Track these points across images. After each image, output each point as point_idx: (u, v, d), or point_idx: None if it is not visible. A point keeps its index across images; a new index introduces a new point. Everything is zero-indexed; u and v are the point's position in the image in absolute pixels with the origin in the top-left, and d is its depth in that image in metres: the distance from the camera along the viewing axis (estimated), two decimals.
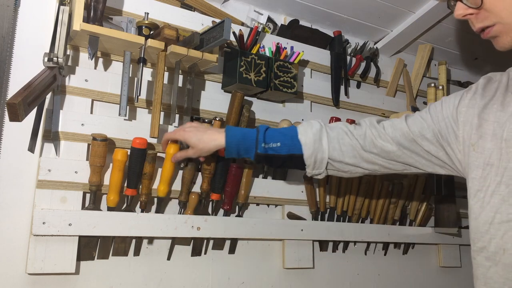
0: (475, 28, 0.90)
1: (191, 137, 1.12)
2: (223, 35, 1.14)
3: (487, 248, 0.86)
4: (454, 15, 0.90)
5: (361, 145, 1.07)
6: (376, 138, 1.06)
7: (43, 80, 1.01)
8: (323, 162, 1.08)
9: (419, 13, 1.59)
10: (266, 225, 1.37)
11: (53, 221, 1.07)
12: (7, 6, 1.11)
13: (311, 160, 1.08)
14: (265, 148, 1.08)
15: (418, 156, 1.03)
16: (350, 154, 1.07)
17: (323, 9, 1.57)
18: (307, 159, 1.08)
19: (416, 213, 1.72)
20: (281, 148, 1.08)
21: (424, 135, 1.00)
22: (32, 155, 1.09)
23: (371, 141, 1.06)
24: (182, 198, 1.25)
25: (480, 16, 0.87)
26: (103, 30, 1.10)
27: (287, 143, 1.08)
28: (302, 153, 1.08)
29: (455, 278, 1.83)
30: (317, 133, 1.08)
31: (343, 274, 1.57)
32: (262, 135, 1.09)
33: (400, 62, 1.83)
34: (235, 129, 1.13)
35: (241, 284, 1.37)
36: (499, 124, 0.88)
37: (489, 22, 0.86)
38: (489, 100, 0.92)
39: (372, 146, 1.06)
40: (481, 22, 0.88)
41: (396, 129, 1.04)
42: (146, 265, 1.23)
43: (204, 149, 1.12)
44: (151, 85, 1.27)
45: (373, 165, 1.08)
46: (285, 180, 1.46)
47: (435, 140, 0.99)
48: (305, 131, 1.09)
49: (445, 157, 0.99)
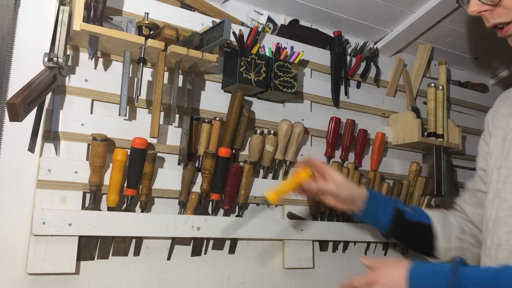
0: (489, 24, 0.88)
1: (341, 176, 1.06)
2: (223, 35, 1.14)
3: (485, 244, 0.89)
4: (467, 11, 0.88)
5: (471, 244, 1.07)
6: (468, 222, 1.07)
7: (43, 80, 1.01)
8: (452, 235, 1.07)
9: (419, 13, 1.59)
10: (266, 225, 1.37)
11: (53, 221, 1.07)
12: (7, 6, 1.11)
13: (441, 230, 1.07)
14: (403, 208, 1.07)
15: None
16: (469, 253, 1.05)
17: (323, 9, 1.57)
18: (436, 229, 1.06)
19: None
20: (413, 215, 1.08)
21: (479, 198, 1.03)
22: (32, 155, 1.09)
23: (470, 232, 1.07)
24: (182, 198, 1.25)
25: (496, 13, 0.85)
26: (103, 30, 1.10)
27: (418, 212, 1.10)
28: (430, 224, 1.07)
29: None
30: (442, 214, 1.10)
31: (343, 274, 1.57)
32: (398, 200, 1.08)
33: (400, 62, 1.82)
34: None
35: (241, 284, 1.37)
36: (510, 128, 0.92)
37: (507, 18, 0.85)
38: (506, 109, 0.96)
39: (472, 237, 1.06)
40: (497, 18, 0.86)
41: (470, 211, 1.06)
42: (146, 265, 1.23)
43: (348, 192, 1.05)
44: (151, 85, 1.27)
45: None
46: (285, 180, 1.46)
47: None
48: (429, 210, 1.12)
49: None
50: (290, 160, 1.44)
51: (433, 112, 1.74)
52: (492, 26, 0.88)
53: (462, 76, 2.06)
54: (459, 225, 1.05)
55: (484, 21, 0.89)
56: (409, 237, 1.08)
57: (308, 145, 1.55)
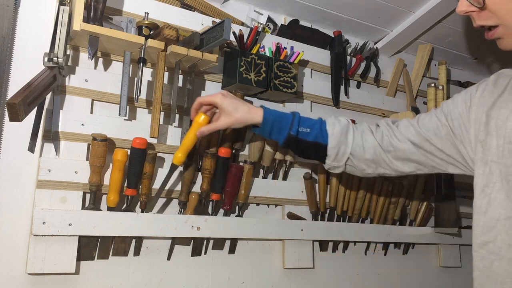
0: (475, 25, 0.90)
1: (230, 104, 1.11)
2: (223, 35, 1.14)
3: (493, 242, 0.87)
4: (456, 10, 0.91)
5: (379, 144, 1.11)
6: (392, 137, 1.09)
7: (43, 80, 1.01)
8: (345, 155, 1.12)
9: (419, 13, 1.59)
10: (266, 225, 1.37)
11: (53, 221, 1.07)
12: (7, 6, 1.11)
13: (334, 151, 1.12)
14: (298, 131, 1.12)
15: (431, 155, 1.05)
16: (371, 151, 1.11)
17: (323, 9, 1.57)
18: (331, 149, 1.12)
19: (416, 213, 1.72)
20: (309, 134, 1.13)
21: (437, 134, 1.02)
22: (32, 155, 1.09)
23: (388, 140, 1.10)
24: (182, 198, 1.25)
25: (482, 15, 0.87)
26: (103, 30, 1.10)
27: (315, 130, 1.13)
28: (326, 143, 1.12)
29: (455, 278, 1.83)
30: (344, 127, 1.13)
31: (343, 274, 1.57)
32: (297, 119, 1.14)
33: (400, 62, 1.83)
34: (271, 109, 1.16)
35: (241, 284, 1.37)
36: (501, 120, 0.89)
37: (492, 22, 0.87)
38: (497, 97, 0.93)
39: (389, 145, 1.09)
40: (483, 20, 0.88)
41: (410, 129, 1.07)
42: (146, 265, 1.23)
43: (240, 119, 1.12)
44: (151, 85, 1.27)
45: (389, 166, 1.12)
46: (285, 180, 1.46)
47: (448, 139, 1.01)
48: (333, 123, 1.14)
49: (458, 155, 1.00)
50: (290, 160, 1.44)
51: None
52: (479, 27, 0.90)
53: (462, 76, 2.06)
54: (353, 146, 1.11)
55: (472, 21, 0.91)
56: (301, 152, 1.18)
57: None
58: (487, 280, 0.87)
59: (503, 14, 0.84)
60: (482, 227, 0.90)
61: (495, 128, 0.90)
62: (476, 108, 0.95)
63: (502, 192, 0.87)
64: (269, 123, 1.13)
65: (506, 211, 0.86)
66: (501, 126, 0.88)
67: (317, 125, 1.14)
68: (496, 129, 0.89)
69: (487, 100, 0.94)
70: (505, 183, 0.86)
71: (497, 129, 0.89)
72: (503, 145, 0.87)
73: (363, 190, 1.55)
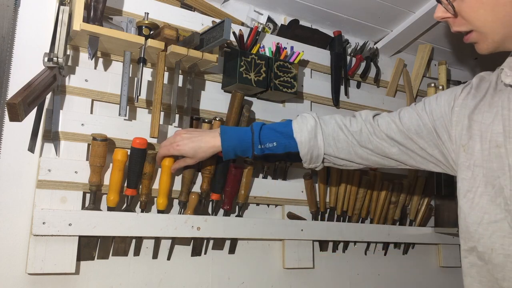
0: (452, 30, 0.92)
1: (187, 151, 1.14)
2: (223, 35, 1.14)
3: (477, 248, 0.86)
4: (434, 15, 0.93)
5: (357, 140, 1.08)
6: (371, 134, 1.07)
7: (43, 80, 1.01)
8: (319, 157, 1.11)
9: (419, 13, 1.59)
10: (266, 225, 1.37)
11: (53, 221, 1.07)
12: (7, 6, 1.11)
13: (307, 157, 1.11)
14: (262, 149, 1.11)
15: (413, 153, 1.04)
16: (345, 150, 1.09)
17: (323, 9, 1.57)
18: (304, 156, 1.11)
19: (416, 213, 1.72)
20: (277, 148, 1.10)
21: (419, 133, 1.01)
22: (32, 155, 1.09)
23: (367, 138, 1.07)
24: (182, 198, 1.25)
25: (457, 21, 0.90)
26: (103, 30, 1.10)
27: (282, 142, 1.10)
28: (297, 151, 1.10)
29: (455, 278, 1.83)
30: (312, 131, 1.09)
31: (343, 274, 1.57)
32: (257, 137, 1.10)
33: (400, 62, 1.83)
34: (230, 131, 1.14)
35: (241, 284, 1.37)
36: (485, 125, 0.89)
37: (465, 28, 0.89)
38: (479, 101, 0.93)
39: (368, 142, 1.07)
40: (457, 26, 0.90)
41: (392, 125, 1.05)
42: (146, 265, 1.23)
43: (203, 158, 1.16)
44: (151, 85, 1.27)
45: (367, 161, 1.11)
46: (285, 180, 1.46)
47: (430, 138, 0.99)
48: (300, 129, 1.10)
49: (440, 155, 1.00)
50: None
51: None
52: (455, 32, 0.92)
53: (462, 76, 2.06)
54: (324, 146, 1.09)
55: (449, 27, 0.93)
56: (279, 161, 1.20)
57: None
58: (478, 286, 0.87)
59: (473, 20, 0.86)
60: (465, 232, 0.89)
61: (478, 132, 0.89)
62: (458, 110, 0.95)
63: (485, 196, 0.86)
64: (231, 150, 1.12)
65: (489, 216, 0.84)
66: (485, 130, 0.88)
67: (283, 136, 1.10)
68: (480, 133, 0.89)
69: (469, 103, 0.93)
70: (489, 188, 0.85)
71: (481, 133, 0.88)
72: (488, 149, 0.86)
73: (363, 190, 1.55)
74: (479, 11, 0.85)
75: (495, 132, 0.86)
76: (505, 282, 0.82)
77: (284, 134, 1.10)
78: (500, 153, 0.84)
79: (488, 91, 0.93)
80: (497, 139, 0.85)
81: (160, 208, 1.22)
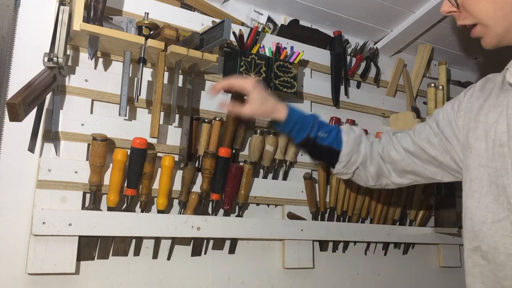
0: (458, 24, 0.95)
1: (259, 96, 1.12)
2: (223, 35, 1.14)
3: (481, 247, 0.87)
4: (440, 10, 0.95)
5: (380, 155, 1.13)
6: (390, 149, 1.12)
7: (43, 80, 1.01)
8: (355, 164, 1.15)
9: (419, 13, 1.60)
10: (266, 225, 1.37)
11: (53, 221, 1.07)
12: (7, 6, 1.11)
13: (346, 158, 1.14)
14: (316, 135, 1.14)
15: (426, 163, 1.07)
16: (375, 163, 1.14)
17: (323, 9, 1.57)
18: (343, 156, 1.14)
19: (416, 213, 1.72)
20: (325, 140, 1.14)
21: (430, 142, 1.05)
22: (32, 155, 1.09)
23: (387, 152, 1.12)
24: (182, 198, 1.25)
25: (461, 15, 0.92)
26: (103, 30, 1.10)
27: (332, 136, 1.14)
28: (340, 150, 1.14)
29: (455, 278, 1.83)
30: (358, 137, 1.15)
31: (343, 274, 1.57)
32: (318, 123, 1.15)
33: (400, 62, 1.82)
34: (295, 108, 1.17)
35: (241, 284, 1.37)
36: (489, 124, 0.90)
37: (470, 21, 0.91)
38: (484, 101, 0.94)
39: (388, 156, 1.12)
40: (462, 20, 0.92)
41: (407, 138, 1.10)
42: (146, 265, 1.23)
43: (264, 113, 1.14)
44: (151, 85, 1.27)
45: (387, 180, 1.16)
46: (285, 180, 1.46)
47: (441, 145, 1.03)
48: (348, 131, 1.16)
49: (451, 161, 1.02)
50: (290, 160, 1.44)
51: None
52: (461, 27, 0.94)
53: (462, 76, 2.06)
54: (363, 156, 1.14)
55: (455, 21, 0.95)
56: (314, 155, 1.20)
57: None
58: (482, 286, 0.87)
59: (476, 12, 0.89)
60: (470, 232, 0.90)
61: (483, 133, 0.90)
62: (463, 113, 0.97)
63: (490, 196, 0.87)
64: (291, 123, 1.14)
65: (493, 215, 0.85)
66: (489, 129, 0.89)
67: (333, 131, 1.16)
68: (485, 133, 0.90)
69: (474, 105, 0.95)
70: (493, 187, 0.86)
71: (486, 133, 0.90)
72: (492, 149, 0.87)
73: (363, 190, 1.55)
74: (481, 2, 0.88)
75: (499, 132, 0.87)
76: (507, 281, 0.83)
77: (334, 130, 1.16)
78: (503, 152, 0.85)
79: (493, 91, 0.94)
80: (501, 138, 0.86)
81: (160, 208, 1.22)
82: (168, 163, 1.19)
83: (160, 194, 1.21)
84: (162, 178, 1.20)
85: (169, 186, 1.22)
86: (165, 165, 1.20)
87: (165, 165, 1.20)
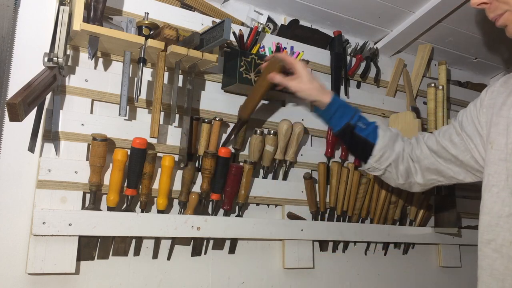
0: (489, 18, 0.95)
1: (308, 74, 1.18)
2: (223, 35, 1.14)
3: (496, 240, 0.89)
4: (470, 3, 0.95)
5: (409, 154, 1.17)
6: (417, 148, 1.16)
7: (43, 80, 1.01)
8: (388, 160, 1.18)
9: (419, 13, 1.60)
10: (266, 225, 1.37)
11: (53, 221, 1.07)
12: (7, 6, 1.11)
13: (379, 153, 1.17)
14: (356, 123, 1.18)
15: (448, 162, 1.10)
16: (405, 161, 1.18)
17: (323, 9, 1.57)
18: (377, 150, 1.17)
19: (416, 213, 1.72)
20: (363, 131, 1.18)
21: (452, 140, 1.08)
22: (32, 155, 1.09)
23: (415, 151, 1.16)
24: (182, 198, 1.25)
25: (492, 6, 0.92)
26: (103, 30, 1.10)
27: (369, 129, 1.19)
28: (374, 143, 1.17)
29: (455, 278, 1.83)
30: (394, 136, 1.20)
31: (343, 274, 1.57)
32: (359, 113, 1.21)
33: (400, 62, 1.82)
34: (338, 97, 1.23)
35: (241, 284, 1.37)
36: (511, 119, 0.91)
37: (500, 11, 0.91)
38: (507, 97, 0.95)
39: (415, 155, 1.16)
40: (493, 12, 0.93)
41: (432, 138, 1.14)
42: (146, 265, 1.23)
43: (310, 91, 1.19)
44: (151, 85, 1.27)
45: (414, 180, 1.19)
46: (285, 180, 1.46)
47: (462, 144, 1.05)
48: (385, 129, 1.20)
49: (472, 161, 1.04)
50: (290, 160, 1.44)
51: (433, 112, 1.74)
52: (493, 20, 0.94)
53: (462, 76, 2.06)
54: (396, 154, 1.18)
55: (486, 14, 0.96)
56: (351, 145, 1.25)
57: (308, 145, 1.55)
58: (490, 278, 0.89)
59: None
60: (486, 226, 0.92)
61: (505, 127, 0.92)
62: (486, 110, 0.99)
63: (507, 190, 0.88)
64: (334, 108, 1.18)
65: (509, 208, 0.87)
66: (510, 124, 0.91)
67: (372, 125, 1.20)
68: (507, 127, 0.91)
69: (497, 101, 0.97)
70: (510, 181, 0.88)
71: (507, 127, 0.91)
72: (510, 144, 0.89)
73: (363, 190, 1.55)
74: None
75: None
76: None
77: (372, 125, 1.20)
78: None
79: None
80: None
81: (160, 208, 1.22)
82: (168, 163, 1.19)
83: (160, 194, 1.21)
84: (162, 178, 1.20)
85: (169, 186, 1.22)
86: (165, 165, 1.20)
87: (165, 165, 1.20)
